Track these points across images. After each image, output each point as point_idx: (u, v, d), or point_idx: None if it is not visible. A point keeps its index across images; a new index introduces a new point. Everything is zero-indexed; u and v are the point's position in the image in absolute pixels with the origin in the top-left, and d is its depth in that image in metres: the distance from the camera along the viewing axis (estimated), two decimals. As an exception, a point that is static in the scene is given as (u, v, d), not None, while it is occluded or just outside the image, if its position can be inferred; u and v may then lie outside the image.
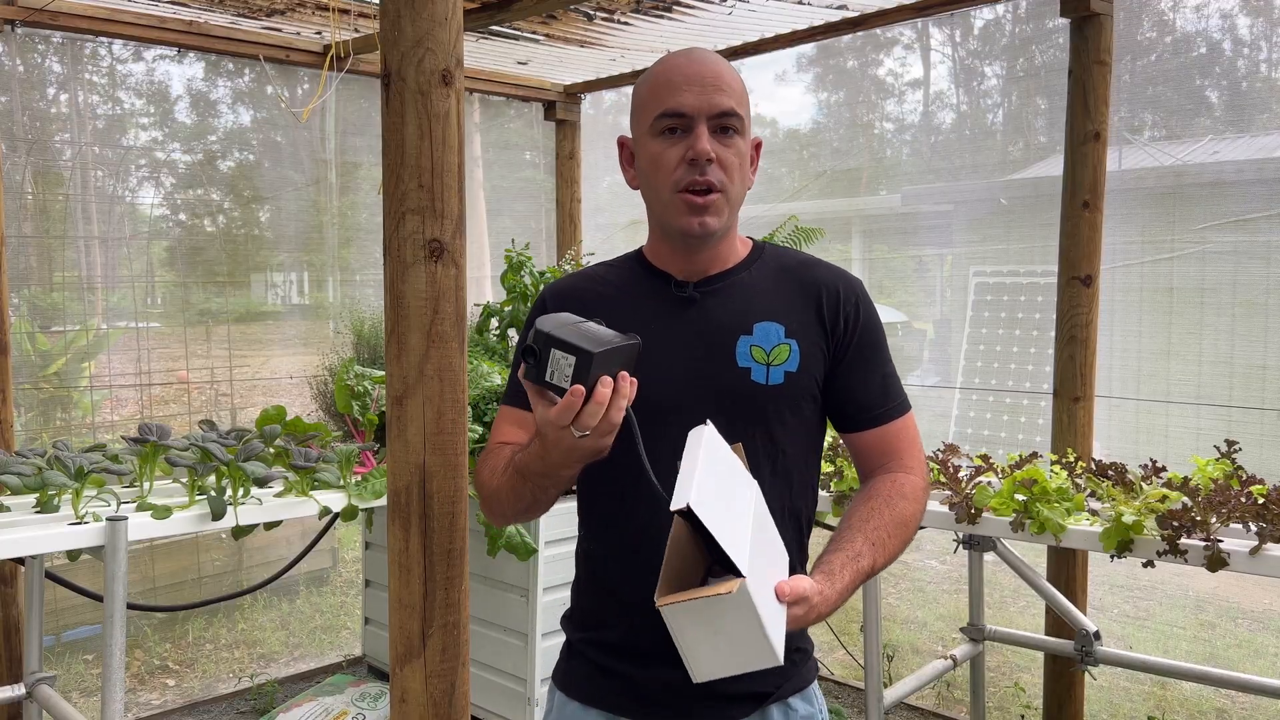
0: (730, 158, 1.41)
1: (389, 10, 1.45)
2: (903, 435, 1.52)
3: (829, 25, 3.77)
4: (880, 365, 1.52)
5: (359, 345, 3.89)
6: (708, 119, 1.39)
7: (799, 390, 1.46)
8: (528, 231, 4.91)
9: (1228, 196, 3.55)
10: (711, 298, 1.49)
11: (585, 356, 1.18)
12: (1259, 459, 3.30)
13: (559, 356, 1.20)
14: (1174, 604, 4.89)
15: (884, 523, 1.41)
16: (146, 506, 2.49)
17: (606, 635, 1.52)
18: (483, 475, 1.51)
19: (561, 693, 1.59)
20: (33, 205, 3.61)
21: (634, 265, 1.57)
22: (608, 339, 1.23)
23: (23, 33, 3.46)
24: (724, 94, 1.39)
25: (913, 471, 1.50)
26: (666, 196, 1.43)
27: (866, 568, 1.36)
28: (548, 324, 1.23)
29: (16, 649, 3.32)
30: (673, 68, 1.42)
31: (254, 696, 4.00)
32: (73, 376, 3.78)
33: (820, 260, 1.57)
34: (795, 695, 1.52)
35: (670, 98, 1.40)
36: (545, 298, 1.57)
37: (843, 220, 4.88)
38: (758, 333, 1.45)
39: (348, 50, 3.87)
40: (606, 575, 1.53)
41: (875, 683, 2.88)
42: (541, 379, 1.22)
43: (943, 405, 4.53)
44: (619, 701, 1.51)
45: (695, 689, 1.37)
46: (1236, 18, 3.98)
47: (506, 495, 1.44)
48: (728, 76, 1.41)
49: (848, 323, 1.49)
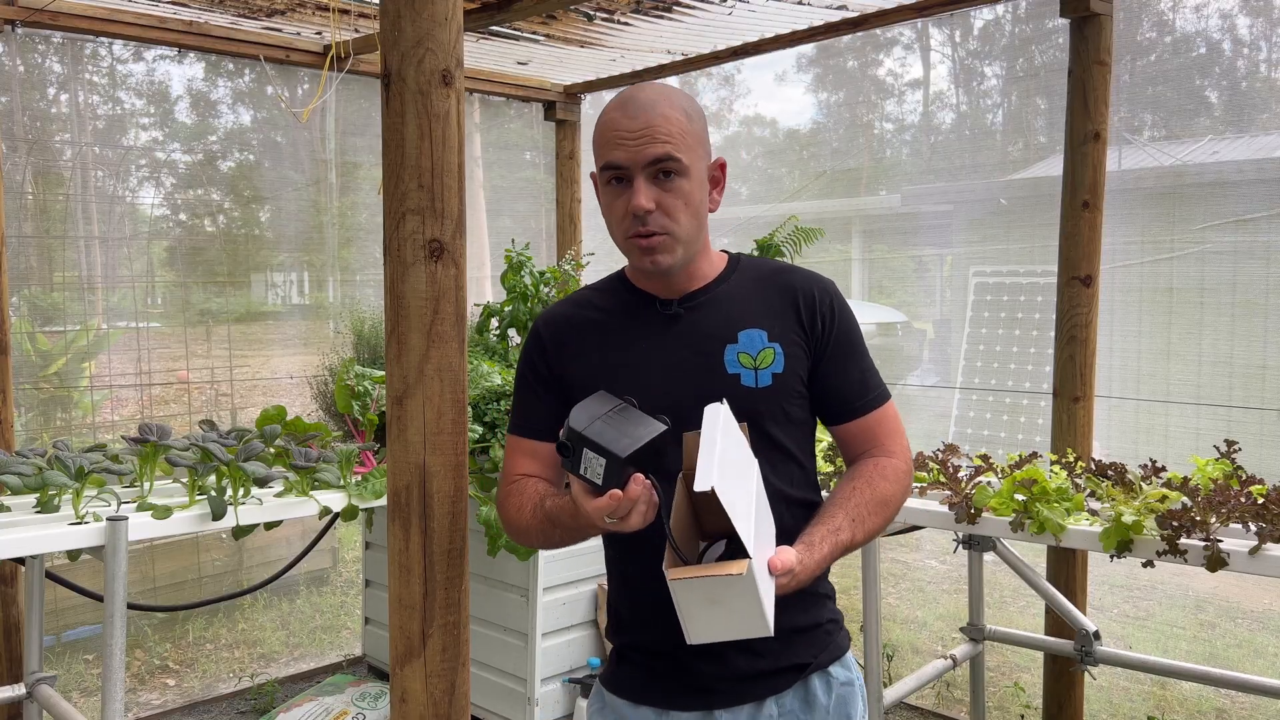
0: (671, 200, 1.48)
1: (389, 10, 1.45)
2: (883, 423, 1.62)
3: (829, 25, 3.77)
4: (858, 360, 1.61)
5: (359, 345, 3.89)
6: (643, 169, 1.46)
7: (786, 389, 1.55)
8: (528, 231, 4.91)
9: (1228, 196, 3.55)
10: (696, 312, 1.58)
11: (615, 461, 1.27)
12: (1259, 459, 3.30)
13: (591, 456, 1.28)
14: (1174, 604, 4.89)
15: (864, 500, 1.51)
16: (147, 506, 2.49)
17: (651, 638, 1.58)
18: (509, 510, 1.58)
19: (611, 693, 1.65)
20: (33, 205, 3.61)
21: (619, 288, 1.65)
22: (637, 436, 1.30)
23: (23, 33, 3.46)
24: (656, 142, 1.45)
25: (894, 455, 1.60)
26: (620, 241, 1.54)
27: (845, 541, 1.46)
28: (581, 419, 1.31)
29: (16, 649, 3.32)
30: (611, 123, 1.49)
31: (254, 696, 4.00)
32: (73, 376, 3.78)
33: (795, 266, 1.68)
34: (834, 664, 1.61)
35: (608, 153, 1.49)
36: (539, 330, 1.65)
37: (843, 220, 4.89)
38: (743, 340, 1.55)
39: (348, 50, 3.87)
40: (639, 582, 1.59)
41: (875, 682, 2.88)
42: (576, 471, 1.31)
43: (942, 405, 4.53)
44: (670, 696, 1.57)
45: (739, 671, 1.53)
46: (1236, 18, 3.98)
47: (537, 534, 1.54)
48: (661, 123, 1.46)
49: (824, 323, 1.58)
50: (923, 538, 5.36)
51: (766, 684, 1.55)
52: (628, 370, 1.54)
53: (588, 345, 1.59)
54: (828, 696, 1.59)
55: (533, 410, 1.62)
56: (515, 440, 1.63)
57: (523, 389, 1.65)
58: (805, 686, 1.57)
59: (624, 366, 1.55)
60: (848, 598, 4.77)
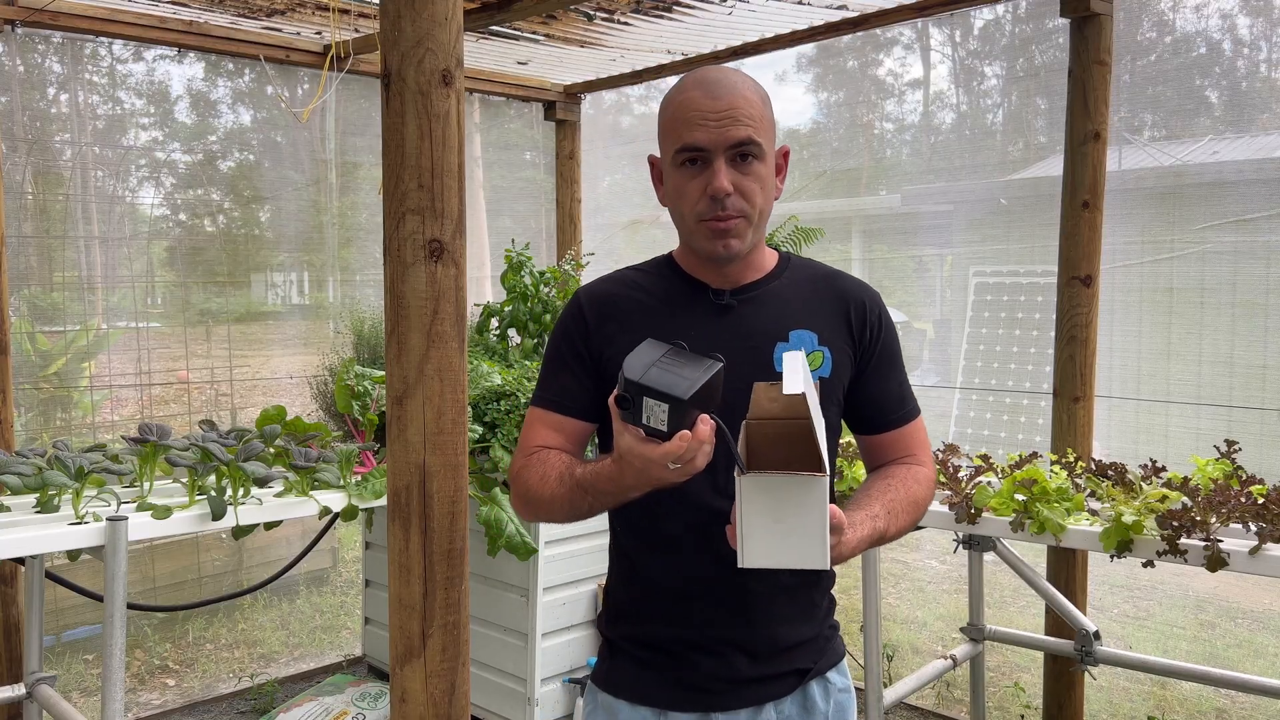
0: (749, 184, 1.45)
1: (389, 10, 1.45)
2: (915, 436, 1.63)
3: (829, 25, 3.77)
4: (897, 373, 1.62)
5: (359, 345, 3.89)
6: (724, 151, 1.43)
7: (828, 395, 1.53)
8: (528, 231, 4.91)
9: (1228, 196, 3.55)
10: (748, 305, 1.55)
11: (679, 404, 1.23)
12: (1259, 459, 3.30)
13: (652, 404, 1.25)
14: (1174, 604, 4.89)
15: (899, 497, 1.52)
16: (146, 506, 2.49)
17: (647, 630, 1.56)
18: (529, 481, 1.52)
19: (606, 693, 1.60)
20: (33, 205, 3.61)
21: (667, 271, 1.60)
22: (695, 377, 1.27)
23: (23, 33, 3.46)
24: (739, 125, 1.42)
25: (924, 465, 1.62)
26: (691, 224, 1.49)
27: (881, 529, 1.46)
28: (635, 368, 1.27)
29: (16, 649, 3.32)
30: (690, 102, 1.45)
31: (254, 696, 4.00)
32: (73, 376, 3.78)
33: (844, 273, 1.65)
34: (832, 670, 1.61)
35: (688, 133, 1.44)
36: (582, 305, 1.59)
37: (843, 220, 4.89)
38: (793, 340, 1.53)
39: (348, 50, 3.87)
40: (645, 567, 1.56)
41: (875, 682, 2.88)
42: (638, 421, 1.27)
43: (943, 405, 4.53)
44: (668, 696, 1.54)
45: (739, 674, 1.50)
46: (1236, 18, 3.98)
47: (562, 504, 1.47)
48: (743, 105, 1.43)
49: (872, 333, 1.58)
50: (923, 538, 5.36)
51: (766, 689, 1.53)
52: None
53: (632, 327, 1.52)
54: (826, 703, 1.58)
55: (564, 386, 1.56)
56: (540, 413, 1.57)
57: (555, 362, 1.58)
58: (804, 693, 1.56)
59: None
60: (848, 597, 4.78)
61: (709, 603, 1.50)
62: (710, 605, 1.50)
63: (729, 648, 1.51)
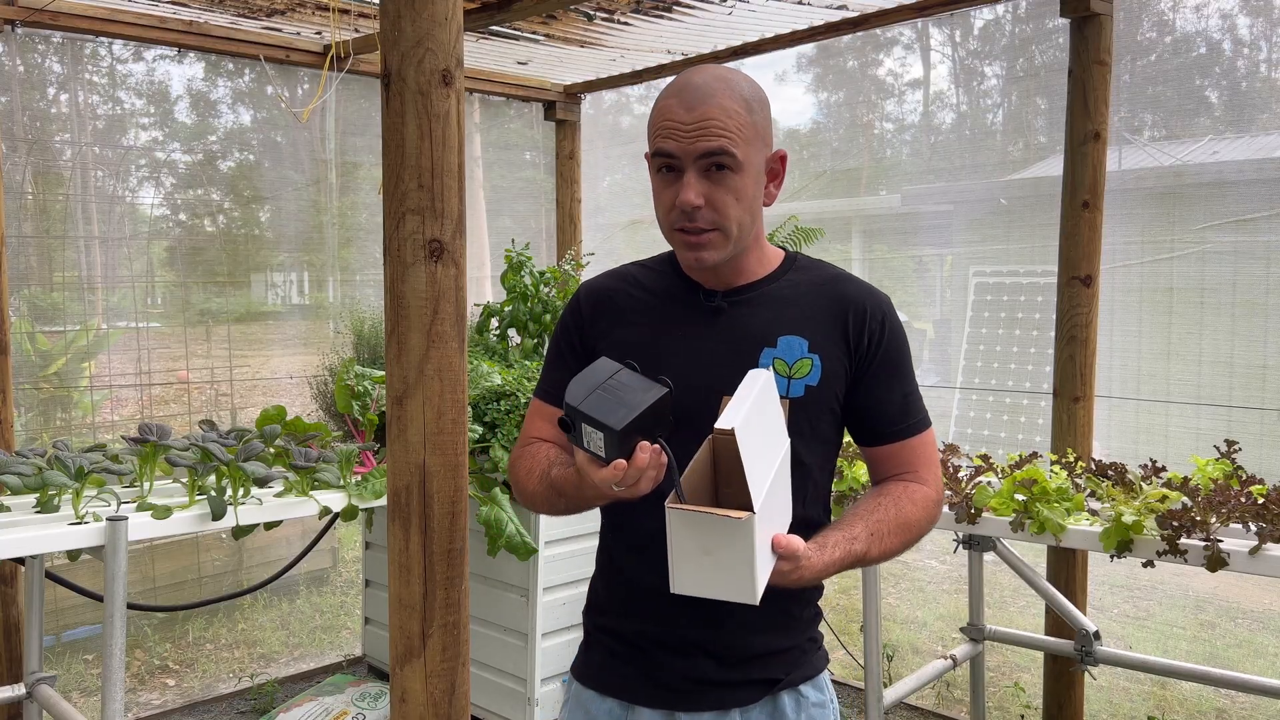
0: (722, 196, 1.41)
1: (389, 10, 1.45)
2: (919, 451, 1.55)
3: (829, 25, 3.77)
4: (902, 383, 1.54)
5: (359, 345, 3.89)
6: (695, 162, 1.40)
7: (818, 404, 1.50)
8: (528, 231, 4.91)
9: (1228, 196, 3.55)
10: (739, 308, 1.53)
11: (611, 434, 1.23)
12: (1259, 459, 3.30)
13: (590, 431, 1.26)
14: (1174, 604, 4.89)
15: (887, 518, 1.46)
16: (146, 506, 2.49)
17: (622, 624, 1.58)
18: (519, 473, 1.57)
19: (579, 683, 1.64)
20: (33, 205, 3.61)
21: (668, 269, 1.61)
22: (635, 404, 1.26)
23: (23, 33, 3.46)
24: (710, 137, 1.38)
25: (926, 484, 1.54)
26: (666, 231, 1.49)
27: (859, 552, 1.40)
28: (577, 393, 1.27)
29: (16, 649, 3.32)
30: (666, 110, 1.42)
31: (254, 696, 4.00)
32: (73, 376, 3.78)
33: (852, 276, 1.59)
34: (806, 683, 1.56)
35: (660, 139, 1.42)
36: (580, 299, 1.62)
37: (843, 220, 4.89)
38: (781, 345, 1.49)
39: (348, 50, 3.86)
40: (623, 565, 1.58)
41: (875, 682, 2.88)
42: (581, 445, 1.28)
43: (943, 405, 4.53)
44: (634, 690, 1.55)
45: (708, 676, 1.49)
46: (1236, 18, 3.98)
47: (542, 500, 1.53)
48: (718, 115, 1.39)
49: (871, 340, 1.51)
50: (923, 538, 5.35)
51: (732, 694, 1.51)
52: (660, 355, 1.49)
53: (625, 322, 1.55)
54: (797, 715, 1.54)
55: (560, 378, 1.55)
56: (538, 404, 1.63)
57: (554, 354, 1.63)
58: (774, 703, 1.53)
59: (657, 350, 1.50)
60: (848, 597, 4.78)
61: (678, 603, 1.44)
62: (679, 606, 1.44)
63: (695, 650, 1.50)
